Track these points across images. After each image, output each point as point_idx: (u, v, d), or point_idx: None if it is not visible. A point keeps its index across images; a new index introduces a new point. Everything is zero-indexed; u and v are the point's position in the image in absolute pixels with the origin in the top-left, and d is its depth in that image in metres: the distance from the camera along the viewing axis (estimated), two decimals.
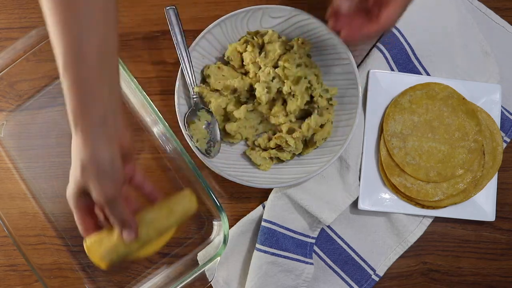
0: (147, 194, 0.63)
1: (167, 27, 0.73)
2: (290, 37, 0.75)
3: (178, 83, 0.72)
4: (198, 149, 0.70)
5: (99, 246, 0.60)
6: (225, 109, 0.73)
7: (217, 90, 0.73)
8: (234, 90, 0.72)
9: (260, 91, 0.70)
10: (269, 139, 0.73)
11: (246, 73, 0.74)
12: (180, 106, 0.72)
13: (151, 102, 0.69)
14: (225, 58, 0.75)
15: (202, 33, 0.72)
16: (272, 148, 0.72)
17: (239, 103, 0.73)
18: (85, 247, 0.61)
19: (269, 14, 0.74)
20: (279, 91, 0.72)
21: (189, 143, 0.71)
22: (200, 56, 0.74)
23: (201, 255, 0.73)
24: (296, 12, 0.73)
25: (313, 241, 0.75)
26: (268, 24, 0.75)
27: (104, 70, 0.51)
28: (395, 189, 0.75)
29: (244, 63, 0.73)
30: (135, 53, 0.78)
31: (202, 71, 0.75)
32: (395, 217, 0.75)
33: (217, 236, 0.72)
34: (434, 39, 0.78)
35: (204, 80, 0.75)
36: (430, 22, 0.78)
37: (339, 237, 0.76)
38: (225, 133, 0.73)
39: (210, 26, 0.72)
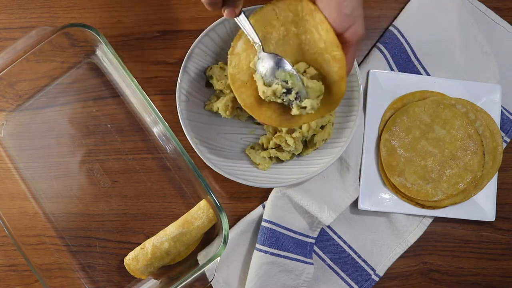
0: None
1: (167, 27, 0.73)
2: None
3: (179, 80, 0.71)
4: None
5: (136, 263, 0.71)
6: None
7: (220, 91, 0.73)
8: None
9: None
10: (270, 139, 0.73)
11: None
12: (181, 103, 0.72)
13: (151, 102, 0.69)
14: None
15: (205, 31, 0.72)
16: (272, 148, 0.72)
17: None
18: (125, 265, 0.72)
19: None
20: None
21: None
22: (203, 53, 0.74)
23: (201, 255, 0.73)
24: None
25: (313, 241, 0.75)
26: None
27: None
28: (395, 189, 0.75)
29: None
30: (135, 53, 0.78)
31: (205, 72, 0.75)
32: (395, 217, 0.75)
33: (217, 236, 0.72)
34: (434, 39, 0.78)
35: (208, 81, 0.75)
36: (430, 22, 0.78)
37: (339, 237, 0.76)
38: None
39: (214, 24, 0.71)
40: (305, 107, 0.59)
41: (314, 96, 0.60)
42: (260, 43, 0.60)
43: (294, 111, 0.60)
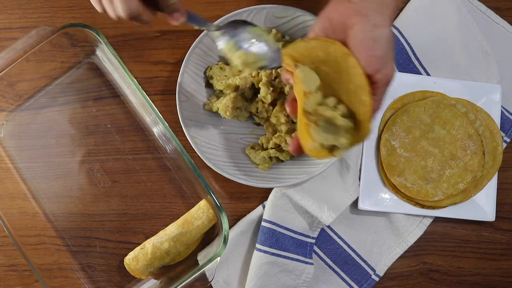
0: None
1: (167, 27, 0.73)
2: (294, 37, 0.75)
3: (179, 80, 0.71)
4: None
5: (136, 263, 0.71)
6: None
7: (220, 91, 0.73)
8: (236, 88, 0.72)
9: (265, 90, 0.70)
10: (269, 139, 0.73)
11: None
12: (181, 103, 0.72)
13: (151, 102, 0.69)
14: None
15: (205, 31, 0.72)
16: (272, 148, 0.72)
17: (244, 100, 0.73)
18: (125, 265, 0.71)
19: (273, 14, 0.73)
20: (281, 91, 0.71)
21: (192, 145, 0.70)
22: (203, 53, 0.74)
23: (201, 255, 0.73)
24: (301, 12, 0.73)
25: (313, 241, 0.75)
26: (272, 23, 0.74)
27: None
28: (395, 189, 0.75)
29: None
30: (135, 53, 0.78)
31: (205, 73, 0.75)
32: (395, 217, 0.75)
33: (217, 236, 0.72)
34: (434, 39, 0.78)
35: (208, 81, 0.75)
36: (430, 22, 0.78)
37: (339, 237, 0.76)
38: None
39: (214, 23, 0.71)
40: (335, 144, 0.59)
41: (344, 133, 0.59)
42: (213, 27, 0.63)
43: None
